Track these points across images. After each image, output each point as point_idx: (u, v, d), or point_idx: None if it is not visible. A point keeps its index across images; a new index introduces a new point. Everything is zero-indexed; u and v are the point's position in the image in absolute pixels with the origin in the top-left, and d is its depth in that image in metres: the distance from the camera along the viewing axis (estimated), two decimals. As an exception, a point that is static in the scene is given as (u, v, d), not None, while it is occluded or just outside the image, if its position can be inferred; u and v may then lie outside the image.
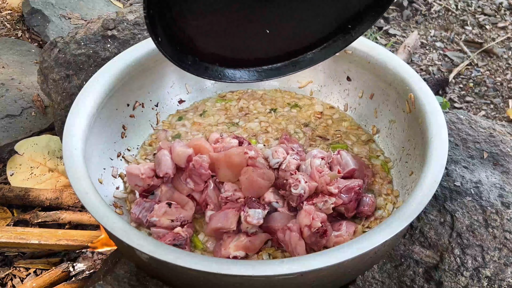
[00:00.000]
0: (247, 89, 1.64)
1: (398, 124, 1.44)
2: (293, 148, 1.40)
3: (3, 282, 1.50)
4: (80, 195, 1.11)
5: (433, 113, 1.29)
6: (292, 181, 1.26)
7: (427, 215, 1.32)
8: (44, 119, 1.92)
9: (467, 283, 1.24)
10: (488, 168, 1.43)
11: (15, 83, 2.03)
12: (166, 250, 1.02)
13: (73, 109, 1.29)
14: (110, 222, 1.06)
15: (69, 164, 1.17)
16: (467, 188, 1.37)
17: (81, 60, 1.68)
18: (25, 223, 1.61)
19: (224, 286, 1.08)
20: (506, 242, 1.28)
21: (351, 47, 1.50)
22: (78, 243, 1.48)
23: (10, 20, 2.48)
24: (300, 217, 1.22)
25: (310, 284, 1.08)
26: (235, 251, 1.19)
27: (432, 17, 2.93)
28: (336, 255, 1.01)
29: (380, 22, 2.85)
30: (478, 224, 1.31)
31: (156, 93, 1.54)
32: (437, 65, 2.63)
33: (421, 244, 1.30)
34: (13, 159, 1.77)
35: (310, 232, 1.19)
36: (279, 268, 0.99)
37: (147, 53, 1.46)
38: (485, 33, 2.83)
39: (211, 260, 1.02)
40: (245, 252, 1.20)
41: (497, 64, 2.65)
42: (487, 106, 2.42)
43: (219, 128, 1.52)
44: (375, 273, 1.28)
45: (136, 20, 1.76)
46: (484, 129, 1.54)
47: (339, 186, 1.27)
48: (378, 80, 1.48)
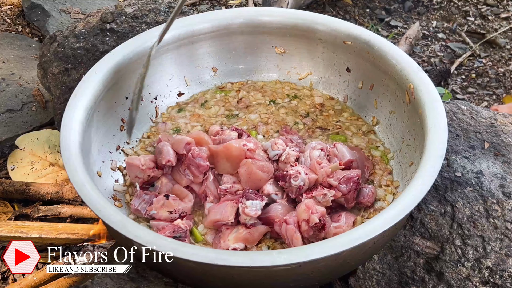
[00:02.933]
0: (247, 80, 1.63)
1: (398, 114, 1.43)
2: (292, 140, 1.40)
3: (4, 276, 1.51)
4: (77, 187, 1.11)
5: (432, 103, 1.28)
6: (292, 173, 1.26)
7: (427, 205, 1.32)
8: (45, 114, 1.92)
9: (468, 274, 1.23)
10: (489, 158, 1.42)
11: (15, 78, 2.03)
12: (164, 242, 1.02)
13: (71, 102, 1.29)
14: (108, 214, 1.06)
15: (67, 156, 1.17)
16: (468, 178, 1.36)
17: (80, 54, 1.67)
18: (26, 217, 1.62)
19: (222, 277, 1.08)
20: (507, 232, 1.27)
21: (350, 37, 1.49)
22: (79, 237, 1.48)
23: (10, 15, 2.48)
24: (299, 211, 1.21)
25: (309, 275, 1.08)
26: (234, 243, 1.19)
27: (434, 8, 2.91)
28: (335, 246, 1.00)
29: (382, 13, 2.84)
30: (479, 214, 1.30)
31: (155, 86, 1.53)
32: (439, 56, 2.62)
33: (422, 235, 1.29)
34: (14, 154, 1.77)
35: (308, 227, 1.18)
36: (277, 259, 0.98)
37: (145, 46, 1.46)
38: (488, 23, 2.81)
39: (209, 252, 1.02)
40: (244, 244, 1.20)
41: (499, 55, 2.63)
42: (490, 97, 2.41)
43: (218, 120, 1.52)
44: (376, 264, 1.28)
45: (134, 13, 1.76)
46: (485, 119, 1.53)
47: (338, 177, 1.27)
48: (378, 71, 1.47)
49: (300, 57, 1.61)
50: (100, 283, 1.15)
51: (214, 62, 1.60)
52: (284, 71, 1.63)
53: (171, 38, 1.50)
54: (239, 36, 1.59)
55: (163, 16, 1.78)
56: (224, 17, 1.56)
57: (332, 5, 2.84)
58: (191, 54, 1.57)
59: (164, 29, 1.35)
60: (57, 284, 1.39)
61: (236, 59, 1.62)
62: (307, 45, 1.58)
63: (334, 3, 2.85)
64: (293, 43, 1.59)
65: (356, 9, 2.86)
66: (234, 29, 1.57)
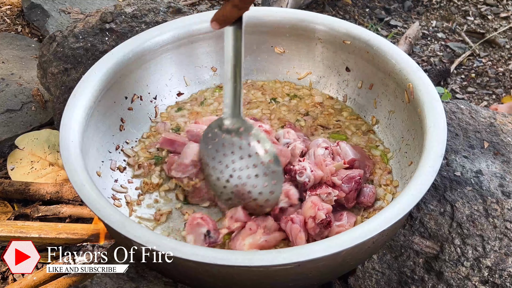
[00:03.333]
0: (246, 80, 1.63)
1: (398, 114, 1.43)
2: (299, 136, 1.41)
3: (4, 276, 1.51)
4: (76, 187, 1.11)
5: (431, 102, 1.28)
6: (298, 168, 1.26)
7: (427, 205, 1.32)
8: (44, 114, 1.92)
9: (467, 273, 1.23)
10: (488, 157, 1.42)
11: (15, 78, 2.03)
12: (163, 242, 1.02)
13: (70, 101, 1.29)
14: (107, 214, 1.06)
15: (66, 156, 1.17)
16: (467, 177, 1.36)
17: (79, 54, 1.67)
18: (25, 217, 1.62)
19: (222, 277, 1.08)
20: (507, 232, 1.27)
21: (349, 37, 1.49)
22: (79, 237, 1.48)
23: (10, 15, 2.48)
24: (305, 208, 1.21)
25: (308, 274, 1.08)
26: (248, 249, 1.18)
27: (434, 7, 2.91)
28: (334, 245, 1.00)
29: (381, 13, 2.84)
30: (478, 214, 1.30)
31: (154, 86, 1.53)
32: (438, 56, 2.62)
33: (421, 235, 1.29)
34: (14, 154, 1.77)
35: (314, 224, 1.18)
36: (276, 259, 0.98)
37: (145, 46, 1.46)
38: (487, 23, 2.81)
39: (208, 251, 1.01)
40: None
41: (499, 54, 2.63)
42: (489, 97, 2.41)
43: (219, 115, 1.51)
44: (375, 264, 1.28)
45: (134, 13, 1.76)
46: (485, 119, 1.53)
47: (341, 176, 1.27)
48: (377, 71, 1.47)
49: (300, 57, 1.61)
50: (100, 282, 1.15)
51: (214, 61, 1.60)
52: (284, 70, 1.63)
53: (171, 38, 1.50)
54: (239, 35, 1.58)
55: (162, 16, 1.78)
56: (223, 17, 1.56)
57: (331, 5, 2.85)
58: (191, 54, 1.57)
59: None
60: (56, 284, 1.39)
61: (235, 59, 1.61)
62: (306, 45, 1.58)
63: (334, 3, 2.85)
64: (292, 43, 1.59)
65: (356, 8, 2.86)
66: (233, 29, 1.57)
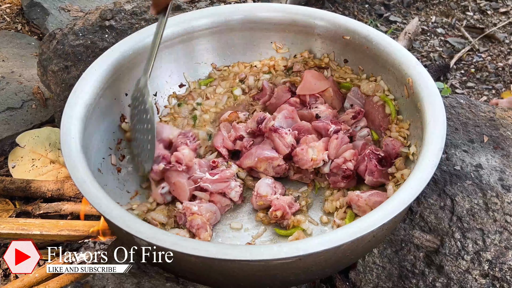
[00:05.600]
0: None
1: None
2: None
3: (6, 273, 1.51)
4: (78, 184, 1.11)
5: (431, 97, 1.28)
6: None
7: (427, 199, 1.32)
8: (45, 111, 1.92)
9: (468, 267, 1.24)
10: (488, 151, 1.42)
11: (15, 76, 2.03)
12: (164, 237, 1.02)
13: (71, 99, 1.29)
14: (109, 209, 1.07)
15: (67, 153, 1.17)
16: (467, 171, 1.36)
17: (79, 51, 1.68)
18: (27, 215, 1.62)
19: (223, 271, 1.08)
20: (507, 225, 1.27)
21: (349, 32, 1.49)
22: (80, 233, 1.49)
23: (10, 13, 2.48)
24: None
25: (309, 268, 1.08)
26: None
27: (433, 3, 2.91)
28: (334, 239, 1.01)
29: (381, 9, 2.84)
30: (478, 207, 1.30)
31: (154, 83, 1.53)
32: (438, 51, 2.62)
33: (421, 229, 1.29)
34: (15, 151, 1.78)
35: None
36: (277, 252, 0.99)
37: (144, 43, 1.46)
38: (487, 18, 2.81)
39: (210, 246, 1.02)
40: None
41: (498, 50, 2.63)
42: (489, 92, 2.41)
43: (221, 99, 1.55)
44: (376, 258, 1.28)
45: (133, 10, 1.76)
46: (484, 113, 1.53)
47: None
48: (377, 65, 1.47)
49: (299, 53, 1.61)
50: (102, 278, 1.15)
51: (213, 58, 1.60)
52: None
53: (170, 34, 1.50)
54: (238, 32, 1.59)
55: (162, 12, 1.78)
56: (223, 13, 1.56)
57: (331, 1, 2.84)
58: (190, 50, 1.57)
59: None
60: (58, 281, 1.39)
61: (235, 55, 1.61)
62: (306, 40, 1.58)
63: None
64: (292, 39, 1.59)
65: (355, 4, 2.86)
66: (233, 25, 1.57)
